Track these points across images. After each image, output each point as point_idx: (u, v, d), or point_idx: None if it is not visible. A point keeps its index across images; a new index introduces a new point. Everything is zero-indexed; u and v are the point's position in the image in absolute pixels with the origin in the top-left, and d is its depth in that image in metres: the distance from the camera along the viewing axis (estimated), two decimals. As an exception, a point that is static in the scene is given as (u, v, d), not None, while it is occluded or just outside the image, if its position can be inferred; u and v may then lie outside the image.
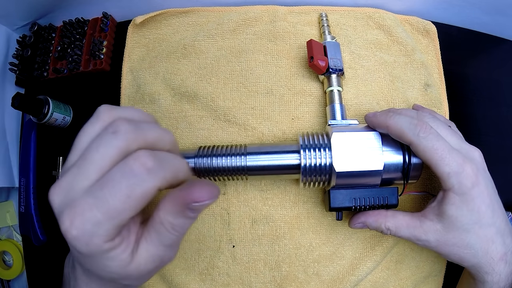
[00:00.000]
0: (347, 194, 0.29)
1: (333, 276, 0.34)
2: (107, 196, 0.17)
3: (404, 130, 0.26)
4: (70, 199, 0.18)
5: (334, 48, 0.35)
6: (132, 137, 0.19)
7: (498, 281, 0.26)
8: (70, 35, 0.41)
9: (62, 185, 0.18)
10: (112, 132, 0.18)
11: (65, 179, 0.18)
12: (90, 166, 0.18)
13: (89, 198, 0.17)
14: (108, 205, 0.17)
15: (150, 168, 0.18)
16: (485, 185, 0.25)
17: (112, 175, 0.17)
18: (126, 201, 0.17)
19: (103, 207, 0.17)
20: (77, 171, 0.18)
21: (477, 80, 0.42)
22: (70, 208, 0.17)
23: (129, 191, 0.17)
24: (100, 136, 0.19)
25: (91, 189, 0.17)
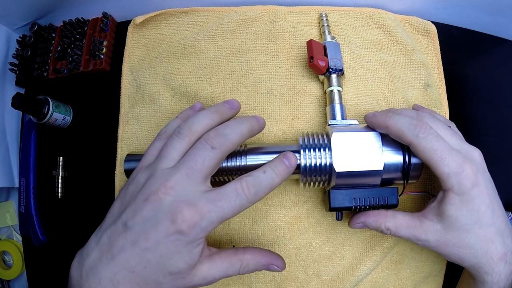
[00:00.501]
0: (347, 194, 0.29)
1: (333, 276, 0.34)
2: (224, 206, 0.23)
3: (403, 130, 0.26)
4: (187, 199, 0.23)
5: (334, 48, 0.35)
6: (225, 147, 0.25)
7: (498, 281, 0.26)
8: (70, 35, 0.41)
9: (174, 187, 0.23)
10: (211, 147, 0.24)
11: (177, 180, 0.23)
12: (200, 173, 0.24)
13: (210, 204, 0.23)
14: (223, 212, 0.23)
15: (251, 192, 0.24)
16: (485, 185, 0.25)
17: (228, 193, 0.24)
18: (233, 212, 0.24)
19: (219, 213, 0.23)
20: (188, 176, 0.23)
21: (477, 80, 0.42)
22: (192, 206, 0.23)
23: (238, 206, 0.24)
24: (200, 148, 0.25)
25: (210, 197, 0.23)
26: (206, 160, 0.24)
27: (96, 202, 0.39)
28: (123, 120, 0.38)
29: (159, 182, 0.23)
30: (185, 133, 0.26)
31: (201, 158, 0.24)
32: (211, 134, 0.25)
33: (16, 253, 0.43)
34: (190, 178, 0.23)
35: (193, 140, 0.26)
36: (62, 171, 0.40)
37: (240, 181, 0.24)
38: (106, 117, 0.40)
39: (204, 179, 0.24)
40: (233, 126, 0.26)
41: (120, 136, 0.38)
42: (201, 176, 0.24)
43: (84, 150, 0.40)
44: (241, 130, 0.26)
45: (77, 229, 0.39)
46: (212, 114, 0.27)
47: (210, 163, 0.24)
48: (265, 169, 0.25)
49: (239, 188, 0.24)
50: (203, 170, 0.24)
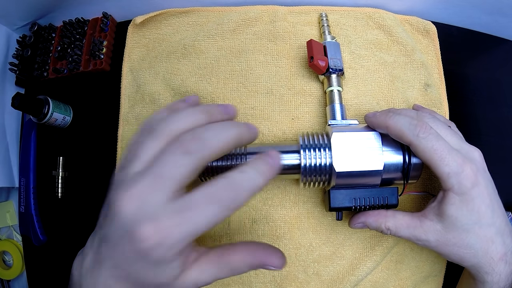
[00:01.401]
0: (347, 194, 0.29)
1: (333, 276, 0.34)
2: (192, 217, 0.19)
3: (403, 130, 0.26)
4: (149, 211, 0.19)
5: (334, 48, 0.35)
6: (201, 154, 0.20)
7: (498, 281, 0.26)
8: (70, 35, 0.41)
9: (136, 194, 0.19)
10: (185, 152, 0.20)
11: (139, 190, 0.19)
12: (168, 182, 0.19)
13: (175, 217, 0.19)
14: (193, 226, 0.19)
15: (227, 198, 0.20)
16: (485, 185, 0.25)
17: (197, 200, 0.19)
18: (207, 225, 0.19)
19: (188, 227, 0.19)
20: (153, 185, 0.19)
21: (477, 80, 0.42)
22: (153, 221, 0.18)
23: (212, 218, 0.19)
24: (172, 152, 0.20)
25: (175, 207, 0.19)
26: (177, 167, 0.20)
27: (96, 202, 0.39)
28: (123, 120, 0.38)
29: (121, 190, 0.19)
30: (161, 131, 0.21)
31: (171, 165, 0.20)
32: (187, 137, 0.21)
33: (16, 253, 0.43)
34: (156, 188, 0.19)
35: (169, 141, 0.21)
36: (62, 171, 0.40)
37: (212, 184, 0.20)
38: (106, 117, 0.40)
39: (174, 190, 0.19)
40: (216, 130, 0.22)
41: (120, 136, 0.38)
42: (170, 185, 0.19)
43: (84, 150, 0.40)
44: (225, 136, 0.22)
45: (77, 229, 0.39)
46: (200, 114, 0.23)
47: (182, 171, 0.20)
48: (244, 169, 0.21)
49: (211, 194, 0.20)
50: (172, 179, 0.19)
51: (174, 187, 0.19)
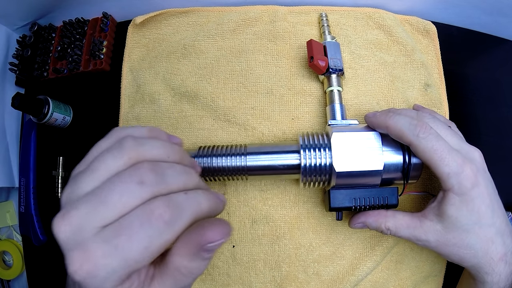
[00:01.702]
0: (347, 194, 0.29)
1: (333, 276, 0.34)
2: (124, 245, 0.16)
3: (403, 130, 0.26)
4: (80, 238, 0.17)
5: (334, 48, 0.35)
6: (156, 190, 0.18)
7: (498, 282, 0.26)
8: (70, 35, 0.41)
9: (73, 220, 0.17)
10: (139, 182, 0.18)
11: (76, 215, 0.17)
12: (108, 210, 0.17)
13: (105, 245, 0.16)
14: (125, 254, 0.16)
15: (167, 221, 0.17)
16: (485, 185, 0.25)
17: (129, 223, 0.17)
18: (144, 252, 0.17)
19: (120, 256, 0.16)
20: (93, 211, 0.17)
21: (477, 80, 0.42)
22: (81, 250, 0.16)
23: (147, 242, 0.17)
24: (124, 181, 0.18)
25: (106, 234, 0.17)
26: (125, 196, 0.17)
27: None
28: (123, 120, 0.38)
29: (61, 212, 0.17)
30: (128, 148, 0.19)
31: (118, 193, 0.17)
32: (148, 167, 0.18)
33: (16, 253, 0.43)
34: (94, 214, 0.17)
35: (132, 162, 0.19)
36: (62, 171, 0.40)
37: (149, 204, 0.17)
38: (106, 117, 0.40)
39: (111, 218, 0.17)
40: (181, 172, 0.20)
41: (120, 136, 0.38)
42: (108, 213, 0.17)
43: (84, 150, 0.40)
44: (187, 181, 0.20)
45: (77, 229, 0.39)
46: (173, 153, 0.21)
47: (129, 201, 0.17)
48: (188, 192, 0.19)
49: (145, 215, 0.17)
50: (114, 208, 0.17)
51: (112, 216, 0.17)
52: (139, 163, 0.19)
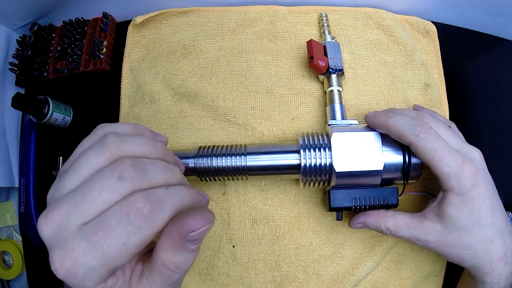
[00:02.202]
0: (347, 194, 0.29)
1: (333, 276, 0.34)
2: (102, 242, 0.16)
3: (403, 130, 0.26)
4: (61, 236, 0.17)
5: (334, 48, 0.35)
6: (137, 185, 0.18)
7: (498, 282, 0.26)
8: (70, 35, 0.41)
9: (55, 218, 0.17)
10: (119, 178, 0.17)
11: (59, 212, 0.17)
12: (89, 207, 0.17)
13: (83, 242, 0.16)
14: (103, 251, 0.16)
15: (147, 216, 0.17)
16: (485, 185, 0.25)
17: (107, 220, 0.16)
18: (122, 249, 0.16)
19: (98, 253, 0.16)
20: (74, 208, 0.17)
21: (477, 80, 0.42)
22: (61, 248, 0.16)
23: (125, 238, 0.16)
24: (104, 176, 0.18)
25: (85, 231, 0.16)
26: (105, 192, 0.17)
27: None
28: (123, 120, 0.38)
29: (45, 211, 0.17)
30: (110, 144, 0.19)
31: (98, 188, 0.17)
32: (129, 162, 0.18)
33: (16, 253, 0.43)
34: (75, 211, 0.17)
35: (114, 158, 0.19)
36: (62, 171, 0.40)
37: (127, 199, 0.17)
38: (106, 117, 0.40)
39: (91, 215, 0.17)
40: (160, 168, 0.20)
41: (120, 136, 0.38)
42: (89, 209, 0.17)
43: (84, 150, 0.40)
44: (169, 177, 0.20)
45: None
46: (156, 150, 0.21)
47: (109, 197, 0.17)
48: (170, 187, 0.19)
49: (123, 210, 0.16)
50: (94, 204, 0.17)
51: (93, 213, 0.17)
52: (120, 159, 0.18)
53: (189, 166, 0.30)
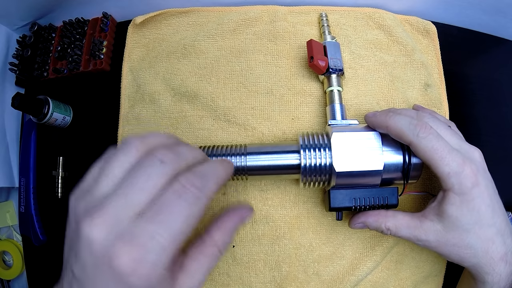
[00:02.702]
0: (347, 194, 0.29)
1: (333, 276, 0.34)
2: (168, 219, 0.17)
3: (403, 130, 0.26)
4: (120, 230, 0.17)
5: (334, 48, 0.35)
6: (177, 166, 0.20)
7: (499, 281, 0.26)
8: (70, 35, 0.41)
9: (106, 218, 0.17)
10: (161, 162, 0.19)
11: (108, 210, 0.17)
12: (140, 195, 0.18)
13: (148, 225, 0.17)
14: (171, 228, 0.17)
15: (200, 188, 0.19)
16: (485, 185, 0.25)
17: (167, 199, 0.18)
18: (187, 221, 0.18)
19: (166, 231, 0.17)
20: (125, 201, 0.18)
21: (477, 80, 0.42)
22: (125, 240, 0.17)
23: (188, 210, 0.18)
24: (146, 165, 0.19)
25: (146, 216, 0.17)
26: (151, 177, 0.18)
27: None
28: (123, 120, 0.38)
29: (88, 217, 0.18)
30: (133, 141, 0.20)
31: (144, 175, 0.18)
32: (162, 149, 0.20)
33: (16, 253, 0.43)
34: (127, 203, 0.18)
35: (142, 152, 0.20)
36: (62, 171, 0.40)
37: (176, 179, 0.19)
38: (106, 117, 0.40)
39: (146, 201, 0.18)
40: (189, 147, 0.22)
41: (120, 136, 0.38)
42: (142, 197, 0.18)
43: (84, 150, 0.40)
44: (200, 153, 0.23)
45: (77, 229, 0.39)
46: (171, 140, 0.23)
47: (156, 182, 0.19)
48: (204, 163, 0.22)
49: (178, 187, 0.18)
50: (145, 190, 0.18)
51: (145, 200, 0.18)
52: (153, 148, 0.20)
53: (189, 166, 0.31)
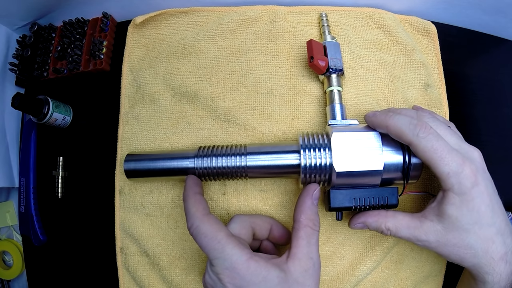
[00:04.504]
0: (347, 194, 0.29)
1: (333, 276, 0.34)
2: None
3: (403, 130, 0.26)
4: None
5: (334, 48, 0.35)
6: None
7: (499, 281, 0.26)
8: (70, 35, 0.41)
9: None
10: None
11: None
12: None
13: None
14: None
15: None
16: (485, 185, 0.25)
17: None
18: None
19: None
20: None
21: (477, 80, 0.42)
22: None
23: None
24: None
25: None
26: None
27: (96, 202, 0.39)
28: (123, 120, 0.38)
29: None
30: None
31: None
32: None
33: (16, 253, 0.43)
34: None
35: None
36: (62, 171, 0.40)
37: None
38: (106, 117, 0.40)
39: None
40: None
41: (120, 136, 0.38)
42: None
43: (84, 150, 0.40)
44: None
45: (77, 229, 0.39)
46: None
47: None
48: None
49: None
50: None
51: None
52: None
53: (189, 166, 0.30)
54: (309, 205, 0.28)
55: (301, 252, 0.26)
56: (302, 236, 0.27)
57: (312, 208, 0.28)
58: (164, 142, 0.36)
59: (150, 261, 0.35)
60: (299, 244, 0.26)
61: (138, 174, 0.32)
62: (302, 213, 0.27)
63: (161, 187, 0.36)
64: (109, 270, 0.37)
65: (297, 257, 0.26)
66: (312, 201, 0.28)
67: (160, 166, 0.32)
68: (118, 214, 0.37)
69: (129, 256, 0.36)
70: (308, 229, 0.27)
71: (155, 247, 0.35)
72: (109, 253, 0.37)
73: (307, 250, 0.26)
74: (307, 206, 0.28)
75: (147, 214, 0.36)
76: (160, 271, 0.35)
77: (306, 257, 0.26)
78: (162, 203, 0.35)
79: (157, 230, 0.35)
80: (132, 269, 0.36)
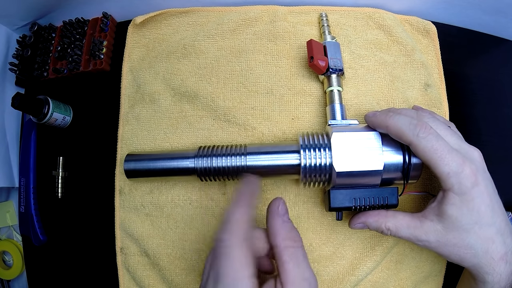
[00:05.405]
0: (347, 194, 0.29)
1: (333, 276, 0.34)
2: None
3: (403, 130, 0.26)
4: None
5: (334, 48, 0.35)
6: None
7: (499, 281, 0.26)
8: (70, 35, 0.41)
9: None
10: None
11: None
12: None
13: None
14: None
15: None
16: (485, 185, 0.25)
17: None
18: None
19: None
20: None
21: (477, 80, 0.42)
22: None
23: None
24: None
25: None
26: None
27: (96, 202, 0.39)
28: (123, 120, 0.38)
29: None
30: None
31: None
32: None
33: (16, 253, 0.43)
34: None
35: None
36: (62, 171, 0.40)
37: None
38: (106, 117, 0.40)
39: None
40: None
41: (120, 136, 0.38)
42: None
43: (84, 150, 0.40)
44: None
45: (77, 229, 0.39)
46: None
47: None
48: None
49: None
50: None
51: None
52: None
53: (189, 166, 0.30)
54: (280, 224, 0.25)
55: (292, 277, 0.23)
56: (287, 260, 0.23)
57: (284, 226, 0.25)
58: (164, 142, 0.36)
59: (150, 261, 0.35)
60: (287, 269, 0.23)
61: (138, 174, 0.32)
62: (276, 236, 0.24)
63: (161, 187, 0.36)
64: (109, 270, 0.37)
65: (289, 281, 0.23)
66: (281, 219, 0.25)
67: (160, 166, 0.32)
68: (118, 214, 0.37)
69: (129, 256, 0.36)
70: (289, 249, 0.24)
71: (155, 247, 0.35)
72: (109, 253, 0.37)
73: (298, 272, 0.23)
74: (278, 226, 0.25)
75: (147, 214, 0.36)
76: (160, 271, 0.35)
77: (299, 279, 0.23)
78: (162, 203, 0.35)
79: (157, 230, 0.35)
80: (132, 269, 0.36)
